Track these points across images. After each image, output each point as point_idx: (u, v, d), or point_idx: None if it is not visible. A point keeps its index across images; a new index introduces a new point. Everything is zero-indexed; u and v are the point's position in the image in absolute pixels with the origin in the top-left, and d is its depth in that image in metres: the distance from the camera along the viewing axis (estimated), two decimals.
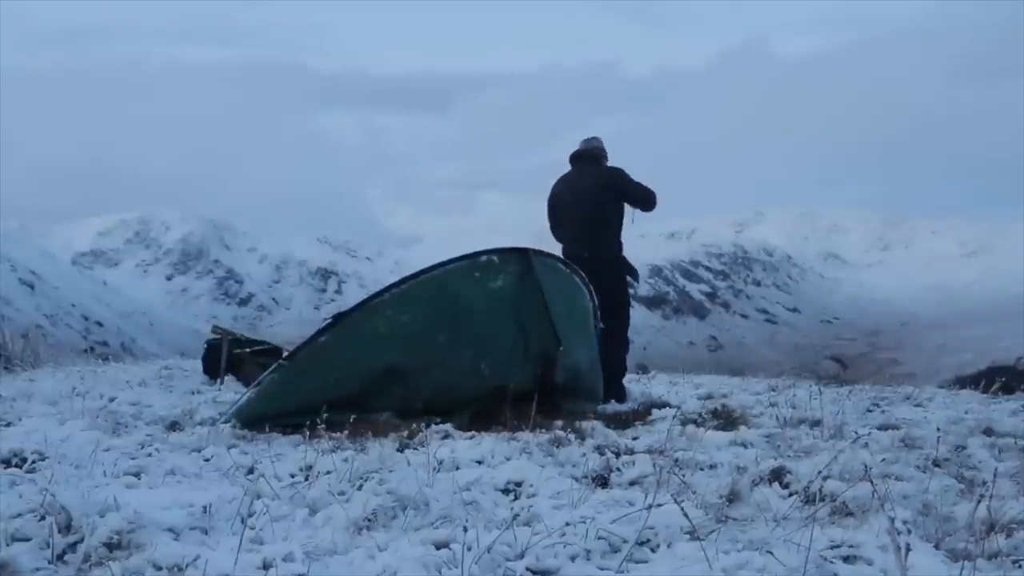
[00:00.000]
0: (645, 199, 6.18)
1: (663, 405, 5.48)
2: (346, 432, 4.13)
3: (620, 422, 4.87)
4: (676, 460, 3.55)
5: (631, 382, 6.53)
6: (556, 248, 6.02)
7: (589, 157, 6.32)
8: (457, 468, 3.44)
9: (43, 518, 2.50)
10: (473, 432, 4.30)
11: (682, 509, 2.49)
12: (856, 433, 4.19)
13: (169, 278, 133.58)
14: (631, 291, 6.24)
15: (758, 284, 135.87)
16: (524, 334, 4.82)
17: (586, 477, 3.34)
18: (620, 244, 6.19)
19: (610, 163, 6.36)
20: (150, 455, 3.70)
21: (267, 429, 4.28)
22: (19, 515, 2.55)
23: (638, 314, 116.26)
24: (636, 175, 6.16)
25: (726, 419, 4.91)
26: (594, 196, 6.11)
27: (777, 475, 3.26)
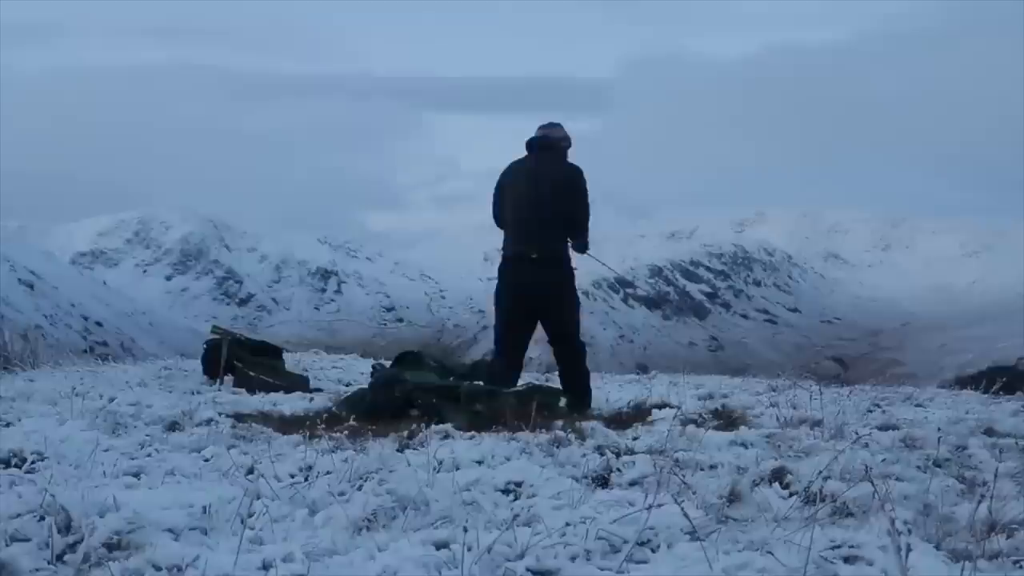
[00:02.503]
0: (583, 223, 5.75)
1: (663, 405, 5.47)
2: (346, 432, 4.13)
3: (620, 422, 4.87)
4: (676, 460, 3.54)
5: (631, 382, 6.52)
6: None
7: (551, 147, 5.79)
8: (457, 468, 3.43)
9: (43, 518, 2.49)
10: (473, 432, 4.30)
11: (682, 509, 2.49)
12: (857, 433, 4.18)
13: (169, 278, 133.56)
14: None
15: (758, 284, 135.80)
16: None
17: (586, 477, 3.34)
18: (568, 248, 5.75)
19: (571, 158, 5.86)
20: (150, 455, 3.69)
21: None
22: (19, 515, 2.54)
23: (638, 314, 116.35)
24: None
25: (726, 419, 4.91)
26: (554, 192, 5.62)
27: (778, 475, 3.26)
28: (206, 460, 3.66)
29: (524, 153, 5.85)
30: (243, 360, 7.21)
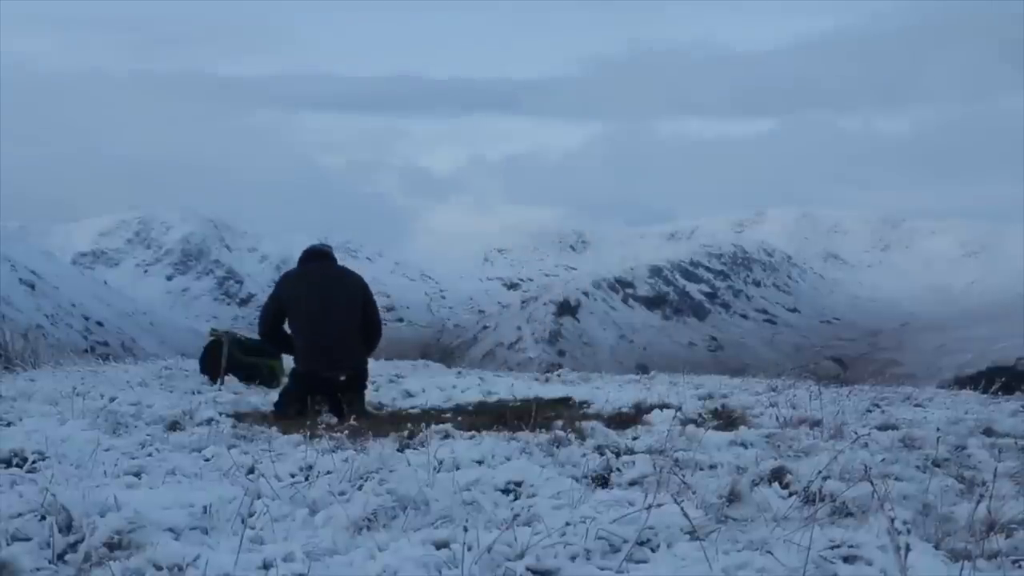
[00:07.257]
0: (378, 328, 5.67)
1: (663, 405, 5.47)
2: (346, 432, 4.13)
3: (620, 422, 4.87)
4: (676, 460, 3.54)
5: (630, 382, 6.52)
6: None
7: (327, 255, 5.74)
8: (457, 468, 3.44)
9: (44, 518, 2.50)
10: (473, 432, 4.30)
11: (682, 509, 2.50)
12: (856, 433, 4.19)
13: (169, 278, 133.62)
14: None
15: (758, 284, 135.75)
16: None
17: (586, 477, 3.34)
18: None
19: None
20: (150, 455, 3.70)
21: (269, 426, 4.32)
22: (20, 515, 2.55)
23: (638, 314, 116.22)
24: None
25: (726, 419, 4.91)
26: (355, 303, 5.52)
27: (777, 475, 3.26)
28: (207, 460, 3.67)
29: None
30: (239, 362, 7.26)
